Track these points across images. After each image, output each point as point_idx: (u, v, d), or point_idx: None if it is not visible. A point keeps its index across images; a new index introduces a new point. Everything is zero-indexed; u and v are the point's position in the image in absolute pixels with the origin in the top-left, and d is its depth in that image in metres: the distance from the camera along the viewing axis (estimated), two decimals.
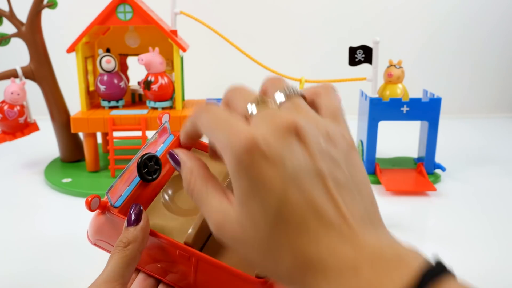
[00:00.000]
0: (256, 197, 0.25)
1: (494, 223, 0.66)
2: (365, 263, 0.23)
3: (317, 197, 0.24)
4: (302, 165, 0.25)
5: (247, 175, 0.25)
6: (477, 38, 1.33)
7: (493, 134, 1.17)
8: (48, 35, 0.86)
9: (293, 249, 0.24)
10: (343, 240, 0.24)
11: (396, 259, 0.23)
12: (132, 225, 0.32)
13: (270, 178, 0.24)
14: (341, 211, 0.25)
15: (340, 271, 0.23)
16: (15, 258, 0.56)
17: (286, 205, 0.24)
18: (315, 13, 1.30)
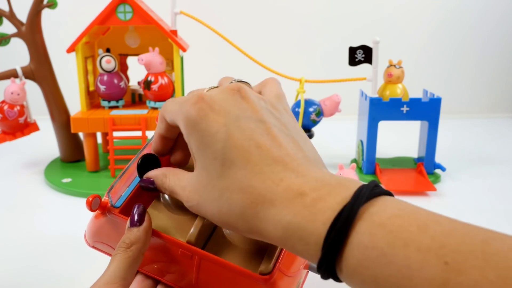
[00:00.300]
0: (205, 147, 0.27)
1: (494, 223, 0.66)
2: (309, 189, 0.25)
3: (260, 136, 0.27)
4: (245, 113, 0.28)
5: (196, 127, 0.27)
6: (477, 38, 1.33)
7: (493, 134, 1.17)
8: (48, 35, 0.86)
9: (242, 187, 0.26)
10: (288, 171, 0.26)
11: (337, 184, 0.25)
12: (135, 225, 0.31)
13: (216, 125, 0.27)
14: (284, 149, 0.27)
15: (287, 198, 0.25)
16: (15, 258, 0.56)
17: (231, 146, 0.27)
18: (315, 13, 1.30)
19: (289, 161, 0.26)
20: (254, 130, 0.27)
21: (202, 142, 0.27)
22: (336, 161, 0.89)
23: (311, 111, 0.82)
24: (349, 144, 1.00)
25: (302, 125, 0.83)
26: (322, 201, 0.24)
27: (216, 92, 0.29)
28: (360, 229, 0.22)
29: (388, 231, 0.21)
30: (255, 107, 0.28)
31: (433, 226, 0.21)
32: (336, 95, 0.83)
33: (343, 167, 0.62)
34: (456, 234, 0.20)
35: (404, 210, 0.22)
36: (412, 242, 0.20)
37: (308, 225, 0.23)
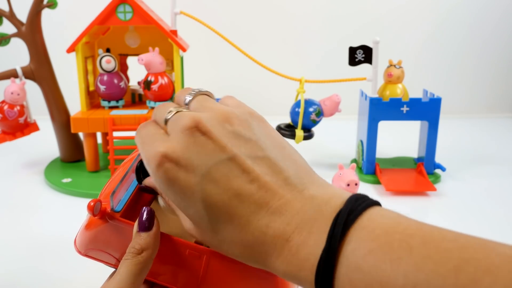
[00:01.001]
0: (187, 207, 0.27)
1: (494, 223, 0.66)
2: (292, 231, 0.25)
3: (235, 180, 0.26)
4: (212, 158, 0.26)
5: (169, 188, 0.27)
6: (477, 38, 1.33)
7: (493, 134, 1.17)
8: (48, 35, 0.86)
9: (235, 241, 0.26)
10: (271, 213, 0.26)
11: (315, 214, 0.25)
12: (144, 230, 0.30)
13: (189, 186, 0.26)
14: (261, 182, 0.26)
15: (276, 246, 0.25)
16: (15, 257, 0.56)
17: (211, 205, 0.26)
18: (315, 13, 1.30)
19: (271, 197, 0.26)
20: (227, 176, 0.26)
21: (181, 203, 0.27)
22: (336, 161, 0.89)
23: (311, 111, 0.82)
24: (349, 144, 1.00)
25: (302, 125, 0.83)
26: (305, 247, 0.24)
27: (175, 141, 0.27)
28: (340, 275, 0.23)
29: (364, 273, 0.22)
30: (220, 143, 0.26)
31: (406, 258, 0.21)
32: (336, 95, 0.83)
33: (343, 167, 0.62)
34: (428, 263, 0.20)
35: (377, 240, 0.22)
36: (387, 284, 0.21)
37: (300, 274, 0.24)
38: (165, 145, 0.27)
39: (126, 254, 0.30)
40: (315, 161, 0.92)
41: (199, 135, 0.27)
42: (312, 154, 0.96)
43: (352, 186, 0.59)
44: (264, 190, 0.26)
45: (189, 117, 0.27)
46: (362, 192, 0.72)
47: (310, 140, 0.85)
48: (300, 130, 0.82)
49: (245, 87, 1.32)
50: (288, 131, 0.84)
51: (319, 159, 0.93)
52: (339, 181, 0.60)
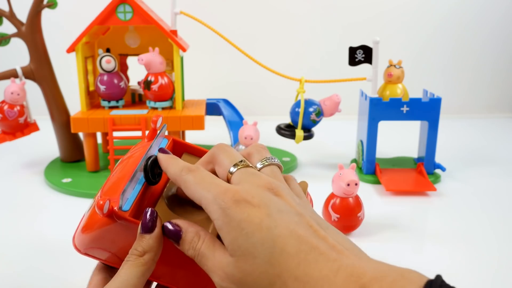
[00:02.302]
0: (249, 235, 0.26)
1: (494, 223, 0.66)
2: (369, 280, 0.23)
3: (303, 228, 0.26)
4: (284, 207, 0.28)
5: (235, 217, 0.27)
6: (477, 38, 1.33)
7: (493, 134, 1.17)
8: (48, 35, 0.86)
9: (296, 276, 0.25)
10: (343, 259, 0.25)
11: (399, 276, 0.23)
12: (147, 232, 0.30)
13: (258, 215, 0.27)
14: (329, 242, 0.26)
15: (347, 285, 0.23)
16: (15, 258, 0.56)
17: (280, 234, 0.26)
18: (315, 13, 1.30)
19: (340, 250, 0.25)
20: (297, 223, 0.27)
21: (244, 230, 0.26)
22: (336, 161, 0.89)
23: (311, 111, 0.82)
24: (349, 144, 1.00)
25: (302, 125, 0.83)
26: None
27: (251, 189, 0.28)
28: None
29: None
30: (291, 203, 0.28)
31: None
32: (336, 95, 0.83)
33: (343, 167, 0.62)
34: None
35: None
36: None
37: None
38: (238, 188, 0.28)
39: (129, 256, 0.30)
40: (315, 161, 0.92)
41: (271, 194, 0.28)
42: (312, 154, 0.96)
43: (352, 186, 0.59)
44: (330, 247, 0.26)
45: (265, 178, 0.29)
46: (362, 192, 0.72)
47: (310, 140, 0.85)
48: (300, 130, 0.82)
49: (245, 87, 1.32)
50: (288, 131, 0.84)
51: (319, 159, 0.93)
52: (339, 181, 0.60)
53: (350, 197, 0.60)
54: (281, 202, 0.28)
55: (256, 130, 0.77)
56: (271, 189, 0.28)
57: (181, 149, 0.42)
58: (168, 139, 0.41)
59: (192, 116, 0.80)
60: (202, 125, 0.81)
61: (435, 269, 0.53)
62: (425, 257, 0.57)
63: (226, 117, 0.90)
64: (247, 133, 0.76)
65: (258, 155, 0.33)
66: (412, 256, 0.57)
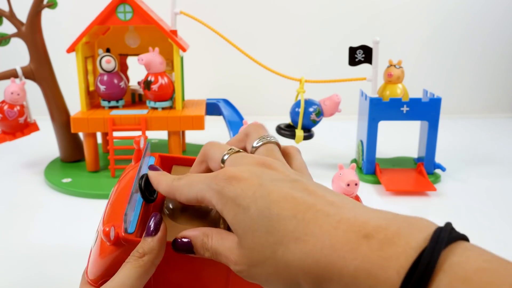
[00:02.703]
0: (245, 209, 0.26)
1: (494, 223, 0.66)
2: (373, 229, 0.22)
3: (299, 191, 0.26)
4: (277, 176, 0.27)
5: (230, 195, 0.27)
6: (477, 38, 1.33)
7: (493, 134, 1.17)
8: (48, 35, 0.86)
9: (297, 237, 0.24)
10: (344, 212, 0.24)
11: (405, 223, 0.22)
12: (150, 235, 0.30)
13: (251, 187, 0.26)
14: (328, 198, 0.25)
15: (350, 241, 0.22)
16: (15, 258, 0.56)
17: (274, 200, 0.26)
18: (315, 13, 1.30)
19: (341, 205, 0.24)
20: (292, 187, 0.26)
21: (240, 205, 0.26)
22: (336, 161, 0.89)
23: (311, 111, 0.82)
24: (349, 144, 1.00)
25: (302, 125, 0.83)
26: (393, 245, 0.21)
27: (240, 166, 0.29)
28: (440, 283, 0.19)
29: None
30: (284, 173, 0.28)
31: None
32: (336, 95, 0.83)
33: (343, 167, 0.62)
34: None
35: (491, 262, 0.20)
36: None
37: (379, 273, 0.21)
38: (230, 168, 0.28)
39: (129, 257, 0.30)
40: (315, 161, 0.92)
41: (264, 167, 0.28)
42: (312, 154, 0.96)
43: (352, 186, 0.59)
44: (329, 203, 0.25)
45: (256, 157, 0.30)
46: (362, 192, 0.72)
47: (310, 140, 0.85)
48: (300, 130, 0.82)
49: (245, 87, 1.32)
50: (288, 131, 0.84)
51: (319, 159, 0.93)
52: (339, 181, 0.60)
53: (350, 197, 0.60)
54: (273, 173, 0.28)
55: None
56: (262, 164, 0.28)
57: (169, 163, 0.42)
58: (154, 156, 0.41)
59: (192, 116, 0.80)
60: (202, 125, 0.81)
61: None
62: None
63: (226, 117, 0.90)
64: None
65: (255, 134, 0.33)
66: None
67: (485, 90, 1.37)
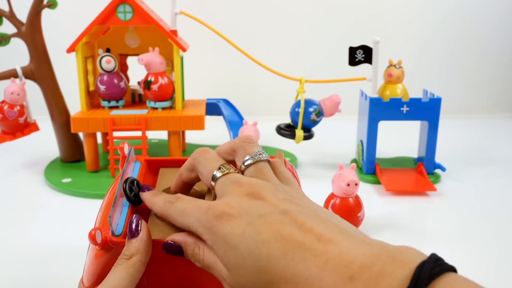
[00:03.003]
0: (234, 248, 0.27)
1: (494, 223, 0.66)
2: (358, 269, 0.23)
3: (288, 227, 0.26)
4: (265, 209, 0.28)
5: (219, 233, 0.28)
6: (477, 38, 1.33)
7: (493, 134, 1.17)
8: (48, 35, 0.86)
9: (287, 278, 0.25)
10: (330, 250, 0.24)
11: (389, 259, 0.23)
12: (133, 236, 0.31)
13: (241, 226, 0.27)
14: (317, 231, 0.26)
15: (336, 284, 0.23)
16: (15, 258, 0.56)
17: (263, 241, 0.26)
18: (315, 13, 1.30)
19: (328, 239, 0.25)
20: (281, 222, 0.27)
21: (230, 243, 0.27)
22: (336, 161, 0.89)
23: (311, 111, 0.82)
24: (349, 144, 1.00)
25: (302, 125, 0.83)
26: (376, 286, 0.22)
27: (229, 198, 0.29)
28: None
29: None
30: (273, 203, 0.28)
31: None
32: (336, 95, 0.83)
33: (343, 167, 0.62)
34: None
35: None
36: None
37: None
38: (218, 203, 0.29)
39: (118, 260, 0.31)
40: (315, 161, 0.92)
41: (253, 199, 0.29)
42: (312, 154, 0.96)
43: (352, 186, 0.59)
44: (319, 233, 0.26)
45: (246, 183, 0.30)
46: (362, 192, 0.72)
47: (310, 140, 0.85)
48: (300, 130, 0.82)
49: (245, 87, 1.32)
50: (288, 131, 0.84)
51: (319, 159, 0.93)
52: (339, 181, 0.60)
53: (350, 197, 0.60)
54: (262, 205, 0.28)
55: (256, 130, 0.77)
56: (251, 194, 0.29)
57: (155, 166, 0.43)
58: (140, 161, 0.42)
59: (192, 116, 0.80)
60: (202, 125, 0.81)
61: None
62: None
63: (226, 117, 0.90)
64: (247, 133, 0.76)
65: (242, 151, 0.33)
66: None
67: (485, 90, 1.37)
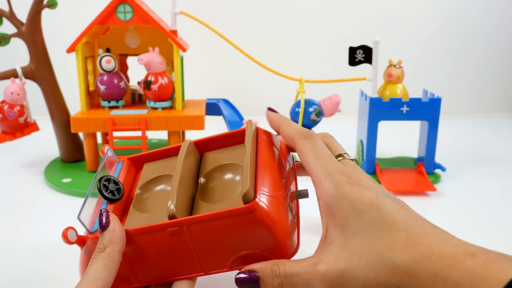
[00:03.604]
0: (359, 213, 0.29)
1: (494, 223, 0.66)
2: (477, 250, 0.26)
3: (408, 212, 0.30)
4: (389, 194, 0.31)
5: (347, 197, 0.29)
6: (477, 38, 1.33)
7: (493, 134, 1.17)
8: (48, 35, 0.86)
9: (407, 245, 0.27)
10: (448, 233, 0.29)
11: (500, 254, 0.26)
12: (104, 229, 0.33)
13: (369, 196, 0.30)
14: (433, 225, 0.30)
15: (456, 255, 0.26)
16: (15, 258, 0.56)
17: (389, 213, 0.29)
18: (315, 13, 1.30)
19: (444, 230, 0.29)
20: (402, 205, 0.30)
21: (355, 209, 0.29)
22: None
23: (311, 111, 0.82)
24: (349, 144, 1.00)
25: (302, 125, 0.83)
26: (494, 264, 0.24)
27: (360, 175, 0.32)
28: None
29: None
30: (385, 191, 0.32)
31: None
32: (336, 95, 0.83)
33: None
34: None
35: None
36: None
37: (481, 282, 0.24)
38: (352, 172, 0.32)
39: (93, 254, 0.32)
40: None
41: (376, 183, 0.33)
42: None
43: None
44: (432, 226, 0.30)
45: (366, 174, 0.34)
46: None
47: None
48: None
49: (245, 87, 1.32)
50: None
51: None
52: None
53: None
54: (386, 190, 0.31)
55: None
56: (373, 181, 0.32)
57: (139, 162, 0.44)
58: (123, 160, 0.43)
59: (192, 116, 0.80)
60: (202, 125, 0.81)
61: None
62: None
63: (226, 117, 0.90)
64: None
65: (335, 147, 0.37)
66: None
67: (485, 90, 1.37)
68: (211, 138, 0.41)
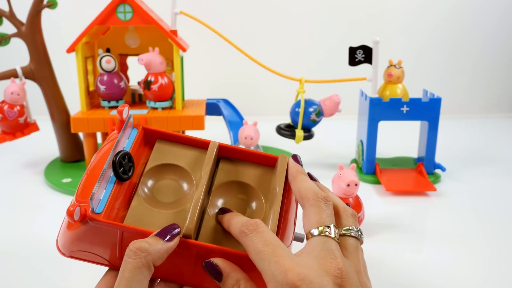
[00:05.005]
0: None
1: (494, 223, 0.66)
2: None
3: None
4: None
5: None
6: (477, 38, 1.33)
7: (493, 134, 1.17)
8: (48, 35, 0.86)
9: None
10: None
11: None
12: (163, 239, 0.31)
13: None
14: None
15: None
16: (15, 258, 0.56)
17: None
18: (315, 13, 1.30)
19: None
20: None
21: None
22: (336, 161, 0.89)
23: (311, 111, 0.82)
24: (349, 144, 1.00)
25: (302, 125, 0.83)
26: None
27: (314, 273, 0.28)
28: None
29: None
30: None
31: None
32: (336, 95, 0.83)
33: (343, 167, 0.62)
34: None
35: None
36: None
37: None
38: (301, 271, 0.28)
39: (131, 254, 0.30)
40: (315, 161, 0.92)
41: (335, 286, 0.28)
42: (312, 154, 0.96)
43: (352, 186, 0.59)
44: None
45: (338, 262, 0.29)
46: (362, 192, 0.72)
47: (310, 140, 0.85)
48: (300, 130, 0.82)
49: (245, 87, 1.32)
50: (288, 131, 0.84)
51: (319, 159, 0.93)
52: (339, 181, 0.60)
53: (350, 197, 0.60)
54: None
55: (256, 130, 0.77)
56: (338, 277, 0.28)
57: (153, 136, 0.41)
58: (138, 128, 0.40)
59: (192, 116, 0.80)
60: (202, 125, 0.81)
61: (435, 269, 0.53)
62: (425, 257, 0.57)
63: (226, 117, 0.90)
64: (247, 133, 0.76)
65: (345, 221, 0.33)
66: (412, 256, 0.57)
67: (484, 90, 1.37)
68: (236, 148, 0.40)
